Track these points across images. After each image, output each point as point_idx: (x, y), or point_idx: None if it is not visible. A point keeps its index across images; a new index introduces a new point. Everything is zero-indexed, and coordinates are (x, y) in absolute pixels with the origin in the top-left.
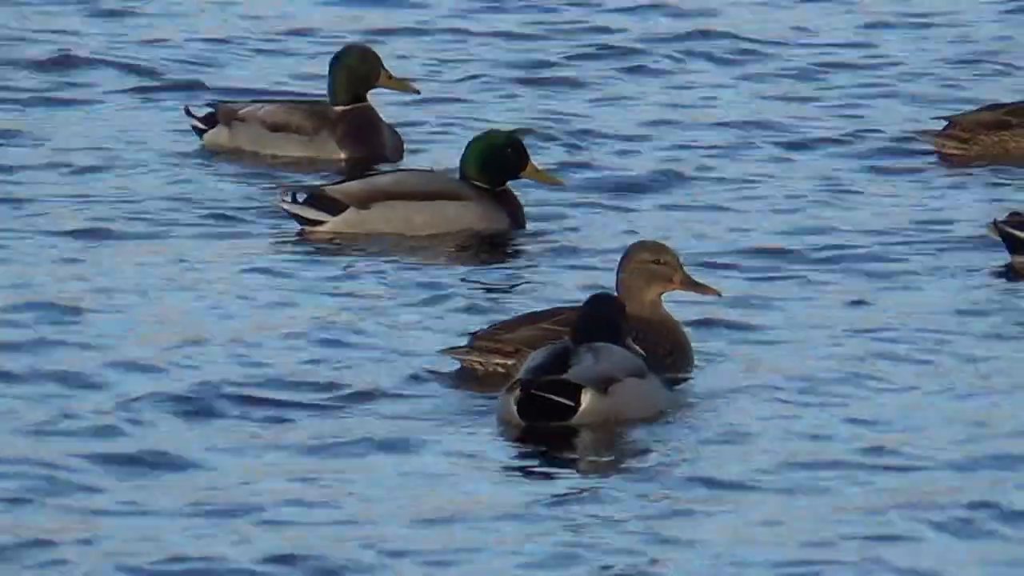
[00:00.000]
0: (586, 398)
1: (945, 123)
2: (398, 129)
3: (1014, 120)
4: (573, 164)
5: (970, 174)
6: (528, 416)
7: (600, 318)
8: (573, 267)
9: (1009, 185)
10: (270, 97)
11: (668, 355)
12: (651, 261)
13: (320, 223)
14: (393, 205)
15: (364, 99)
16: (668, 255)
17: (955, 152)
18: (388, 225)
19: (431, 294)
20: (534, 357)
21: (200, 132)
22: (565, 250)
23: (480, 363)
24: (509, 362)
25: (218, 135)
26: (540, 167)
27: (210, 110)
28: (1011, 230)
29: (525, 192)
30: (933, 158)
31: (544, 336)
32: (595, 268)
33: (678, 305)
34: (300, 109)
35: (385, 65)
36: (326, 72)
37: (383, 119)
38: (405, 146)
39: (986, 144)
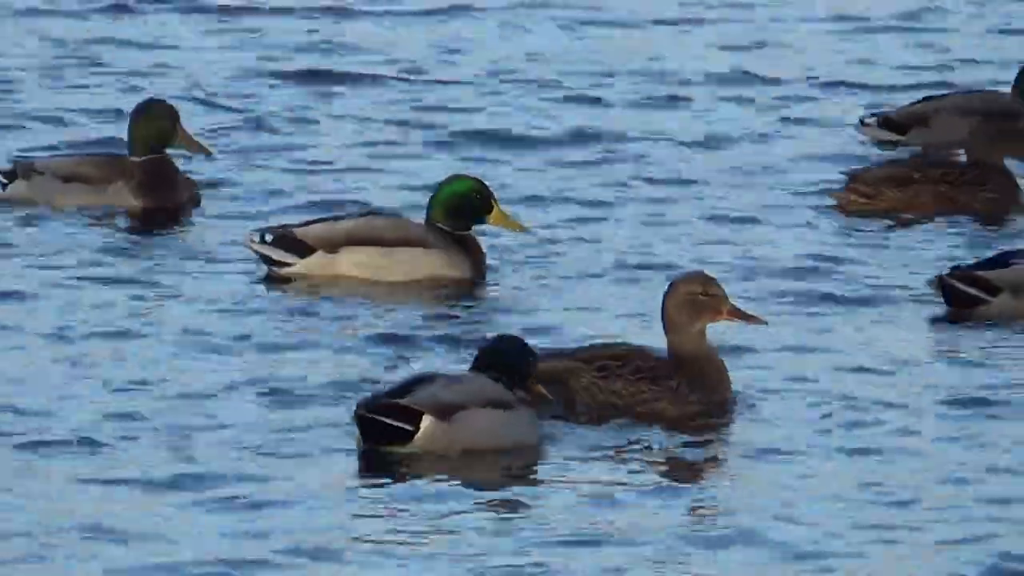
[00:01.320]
0: (425, 424)
1: (846, 178)
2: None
3: (917, 175)
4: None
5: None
6: (369, 438)
7: (501, 356)
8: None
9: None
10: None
11: (725, 401)
12: (699, 293)
13: (287, 264)
14: (361, 250)
15: (161, 151)
16: (714, 287)
17: (859, 207)
18: (355, 270)
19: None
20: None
21: (3, 185)
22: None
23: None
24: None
25: (18, 187)
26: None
27: (10, 165)
28: (956, 284)
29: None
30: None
31: (563, 369)
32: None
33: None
34: (92, 160)
35: (182, 123)
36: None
37: (179, 170)
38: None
39: (891, 198)
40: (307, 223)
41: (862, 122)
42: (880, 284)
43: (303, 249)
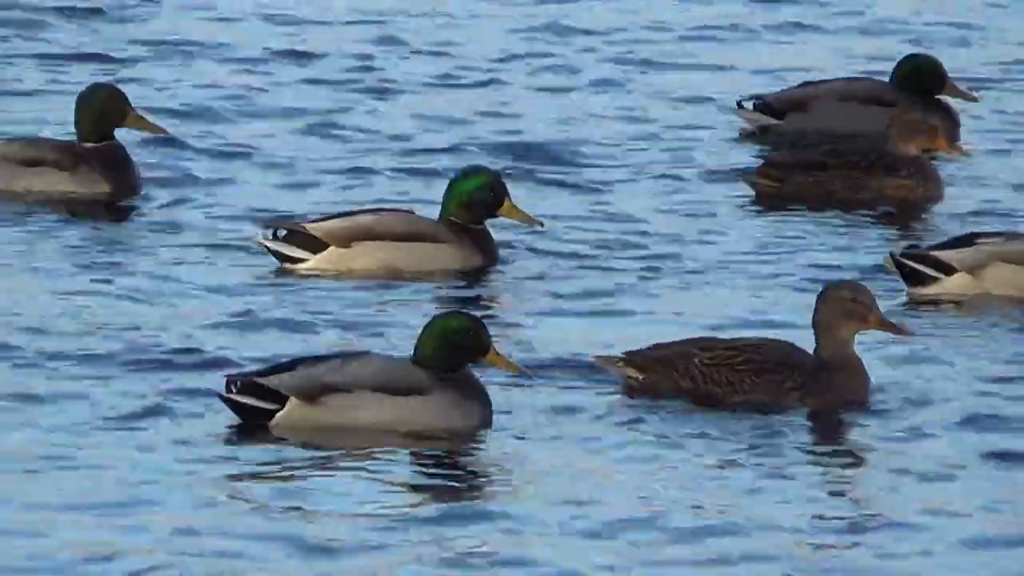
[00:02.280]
0: (289, 405)
1: (761, 161)
2: None
3: (830, 161)
4: None
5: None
6: (239, 414)
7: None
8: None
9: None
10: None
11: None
12: (849, 300)
13: (301, 260)
14: (374, 245)
15: (111, 136)
16: (864, 295)
17: (769, 191)
18: (368, 264)
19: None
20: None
21: None
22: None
23: (630, 376)
24: (639, 376)
25: None
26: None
27: None
28: (909, 262)
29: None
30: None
31: (672, 356)
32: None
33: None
34: (50, 144)
35: (131, 104)
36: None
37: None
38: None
39: (801, 184)
40: (318, 219)
41: (739, 105)
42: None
43: (316, 245)
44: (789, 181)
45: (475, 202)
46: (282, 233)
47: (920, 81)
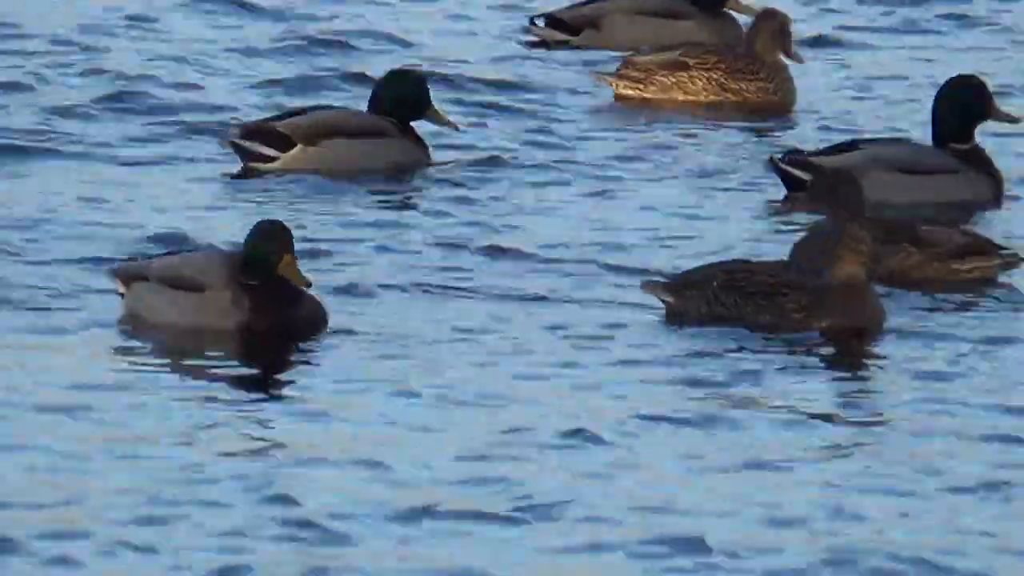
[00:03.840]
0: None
1: (620, 63)
2: None
3: (690, 61)
4: None
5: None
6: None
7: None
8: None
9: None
10: None
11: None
12: (862, 243)
13: (272, 159)
14: (338, 143)
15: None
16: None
17: (630, 92)
18: (334, 162)
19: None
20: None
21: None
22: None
23: (664, 300)
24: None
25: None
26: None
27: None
28: (788, 168)
29: None
30: None
31: (698, 280)
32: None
33: None
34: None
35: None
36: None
37: None
38: None
39: (663, 84)
40: (281, 116)
41: (532, 22)
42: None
43: (285, 143)
44: (650, 81)
45: (404, 99)
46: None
47: None
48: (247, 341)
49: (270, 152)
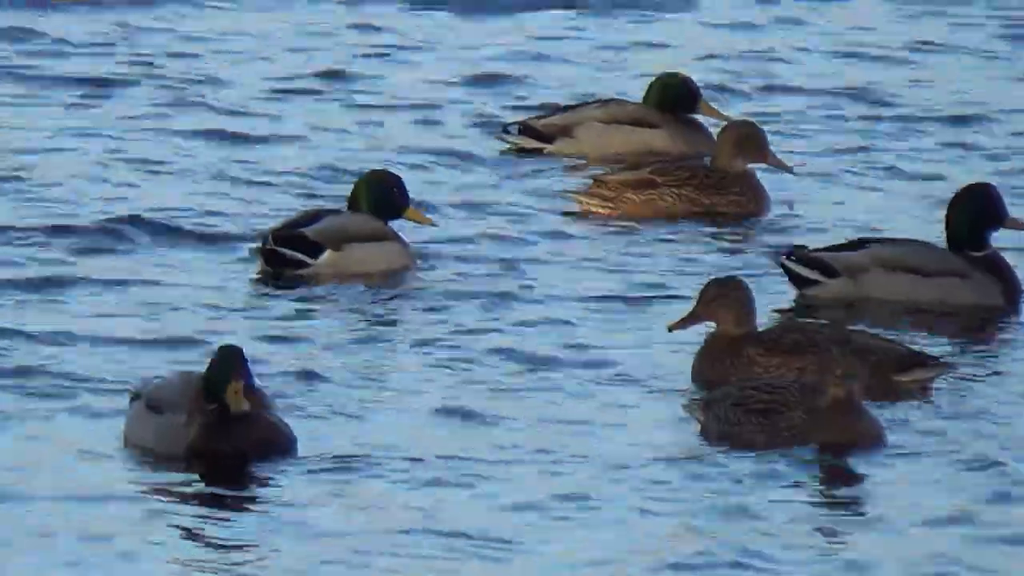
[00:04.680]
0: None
1: (590, 181)
2: None
3: (659, 179)
4: None
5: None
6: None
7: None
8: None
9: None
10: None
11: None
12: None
13: (305, 265)
14: (362, 247)
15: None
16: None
17: (600, 211)
18: (360, 266)
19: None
20: None
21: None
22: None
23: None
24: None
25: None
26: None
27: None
28: (793, 266)
29: None
30: None
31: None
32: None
33: None
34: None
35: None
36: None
37: None
38: None
39: (633, 203)
40: (300, 223)
41: (505, 130)
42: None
43: (315, 249)
44: (619, 200)
45: (383, 201)
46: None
47: (675, 101)
48: (196, 464)
49: (303, 258)
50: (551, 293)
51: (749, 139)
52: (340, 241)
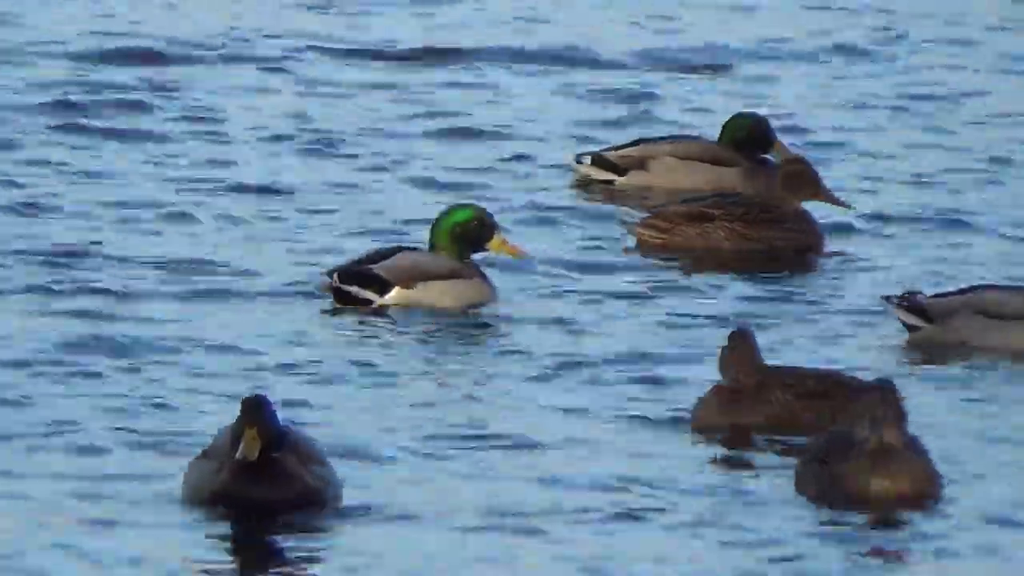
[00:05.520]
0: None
1: (646, 214)
2: None
3: (716, 212)
4: None
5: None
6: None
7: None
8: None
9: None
10: None
11: None
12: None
13: (370, 301)
14: (429, 285)
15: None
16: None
17: (655, 241)
18: (427, 302)
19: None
20: None
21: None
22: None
23: None
24: None
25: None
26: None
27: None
28: (901, 312)
29: None
30: None
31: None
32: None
33: None
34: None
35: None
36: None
37: None
38: None
39: (687, 235)
40: (370, 259)
41: (578, 160)
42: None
43: (383, 285)
44: (674, 232)
45: (464, 235)
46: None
47: (750, 140)
48: (221, 511)
49: (370, 296)
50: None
51: (800, 176)
52: (410, 279)
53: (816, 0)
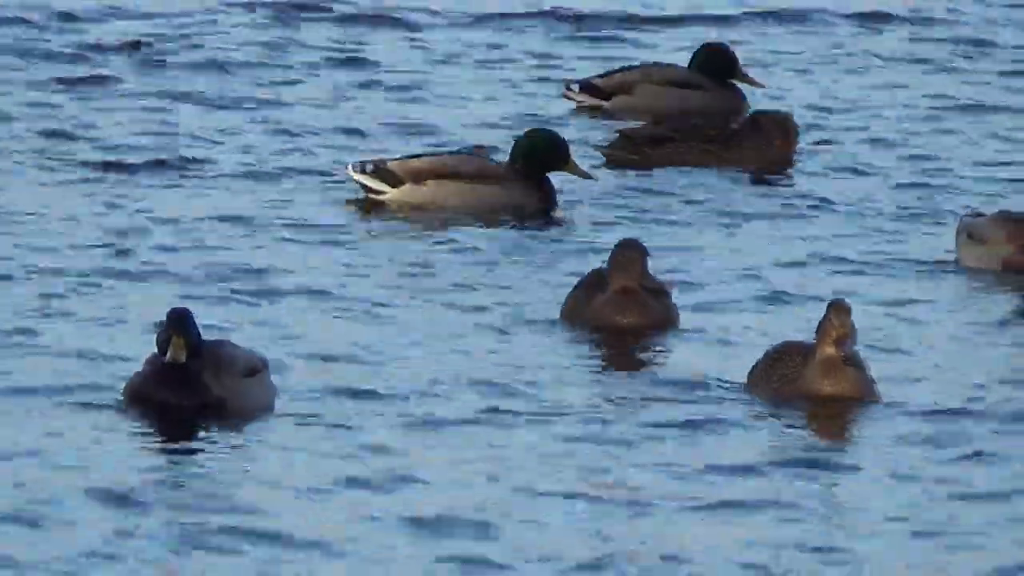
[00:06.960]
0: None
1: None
2: None
3: (680, 136)
4: None
5: None
6: None
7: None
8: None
9: None
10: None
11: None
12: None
13: (382, 192)
14: (444, 184)
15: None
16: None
17: (622, 161)
18: (439, 200)
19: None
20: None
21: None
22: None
23: None
24: None
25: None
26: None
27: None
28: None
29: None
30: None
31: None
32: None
33: None
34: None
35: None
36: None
37: None
38: None
39: (655, 156)
40: (401, 158)
41: (567, 87)
42: None
43: (396, 180)
44: (643, 153)
45: (537, 155)
46: (370, 167)
47: (717, 67)
48: (132, 410)
49: (380, 187)
50: None
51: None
52: (424, 177)
53: None
